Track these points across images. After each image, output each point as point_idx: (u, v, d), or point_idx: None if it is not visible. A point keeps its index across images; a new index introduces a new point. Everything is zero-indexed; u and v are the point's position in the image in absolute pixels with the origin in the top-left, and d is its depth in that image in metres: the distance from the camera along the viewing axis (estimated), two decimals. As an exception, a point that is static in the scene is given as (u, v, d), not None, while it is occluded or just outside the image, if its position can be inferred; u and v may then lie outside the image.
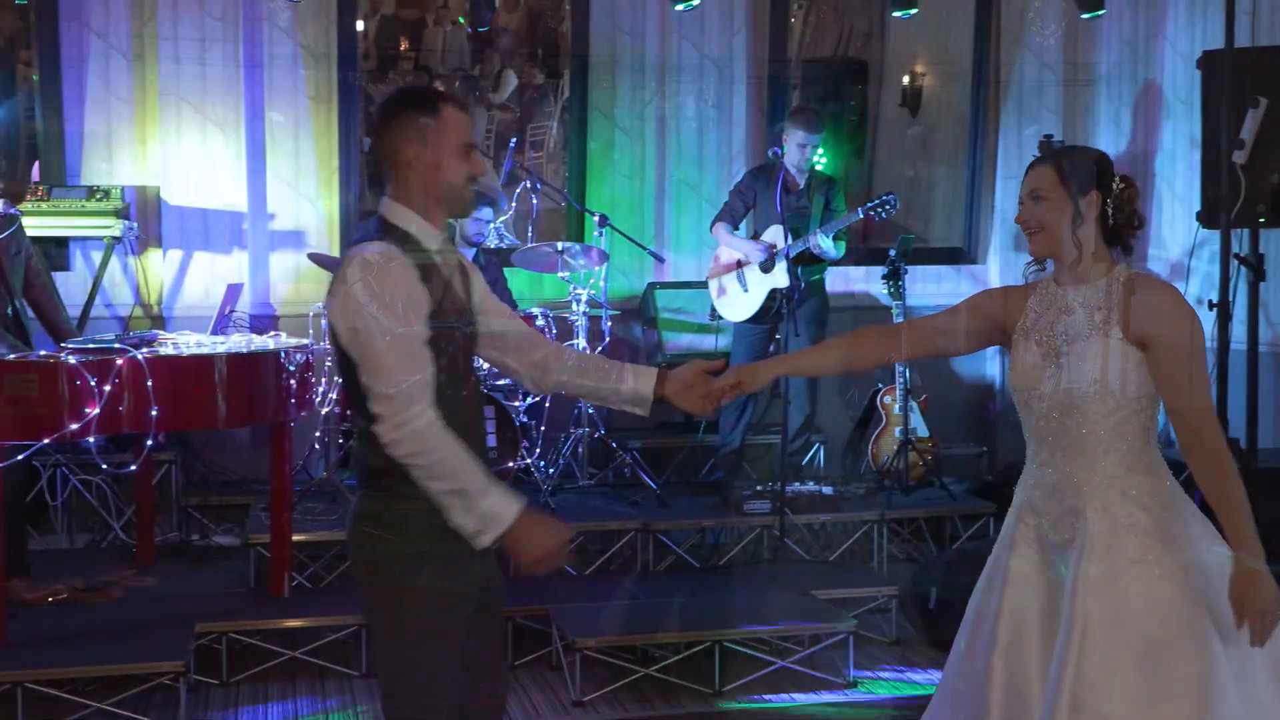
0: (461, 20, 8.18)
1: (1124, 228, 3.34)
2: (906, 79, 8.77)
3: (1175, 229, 8.05)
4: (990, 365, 8.71)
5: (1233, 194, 5.99)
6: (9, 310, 5.98)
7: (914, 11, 7.86)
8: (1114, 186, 3.32)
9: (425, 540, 3.08)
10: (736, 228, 7.35)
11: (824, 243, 7.02)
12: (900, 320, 7.30)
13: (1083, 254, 3.29)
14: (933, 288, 8.59)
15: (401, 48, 8.22)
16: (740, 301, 7.30)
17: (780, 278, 7.04)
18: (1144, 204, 8.29)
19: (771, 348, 7.35)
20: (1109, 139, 8.61)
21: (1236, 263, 6.24)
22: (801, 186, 7.18)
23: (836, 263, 7.35)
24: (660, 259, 7.87)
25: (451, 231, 7.15)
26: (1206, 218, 6.43)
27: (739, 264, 7.28)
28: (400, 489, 3.05)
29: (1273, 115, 6.10)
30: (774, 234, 7.12)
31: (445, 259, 3.22)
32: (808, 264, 7.18)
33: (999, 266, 8.68)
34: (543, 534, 3.10)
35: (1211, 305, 6.13)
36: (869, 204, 7.12)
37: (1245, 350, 6.43)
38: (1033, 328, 3.34)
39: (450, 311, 3.16)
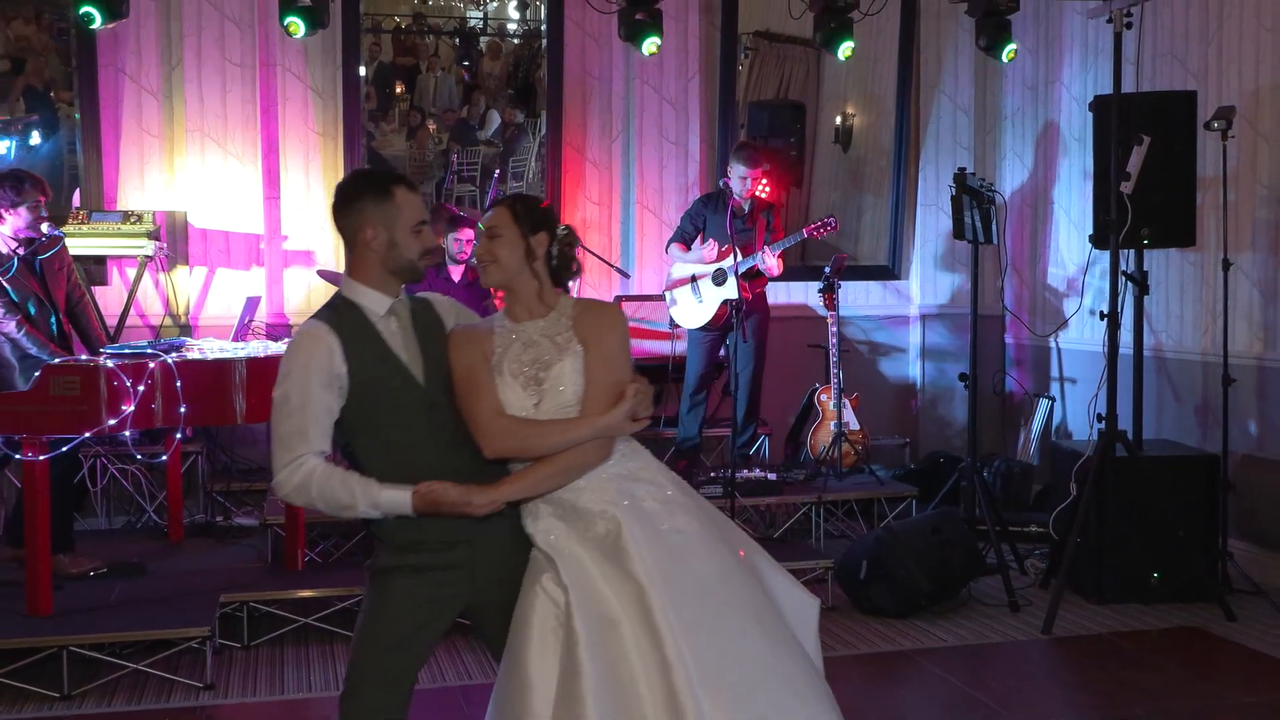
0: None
1: (564, 270, 3.25)
2: (839, 118, 8.85)
3: (1071, 250, 8.14)
4: (912, 368, 8.81)
5: (1120, 219, 6.05)
6: (53, 320, 5.98)
7: (854, 46, 7.76)
8: (558, 232, 3.24)
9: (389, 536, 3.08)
10: (689, 248, 7.42)
11: (770, 260, 7.11)
12: (831, 325, 7.42)
13: (542, 284, 3.19)
14: (861, 300, 8.69)
15: (398, 90, 8.25)
16: (695, 311, 7.36)
17: (731, 290, 7.12)
18: (1044, 228, 8.42)
19: (722, 351, 7.43)
20: (1014, 171, 8.72)
21: (1124, 279, 6.32)
22: (746, 211, 7.26)
23: (777, 278, 7.43)
24: (626, 274, 7.95)
25: (441, 255, 7.20)
26: (1098, 240, 6.50)
27: (693, 278, 7.35)
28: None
29: (1155, 151, 6.17)
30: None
31: (400, 321, 3.10)
32: (753, 279, 7.26)
33: (919, 282, 8.78)
34: (442, 494, 2.94)
35: (1102, 316, 6.18)
36: (813, 224, 7.20)
37: (1132, 355, 6.53)
38: (503, 362, 3.13)
39: (389, 367, 3.04)
